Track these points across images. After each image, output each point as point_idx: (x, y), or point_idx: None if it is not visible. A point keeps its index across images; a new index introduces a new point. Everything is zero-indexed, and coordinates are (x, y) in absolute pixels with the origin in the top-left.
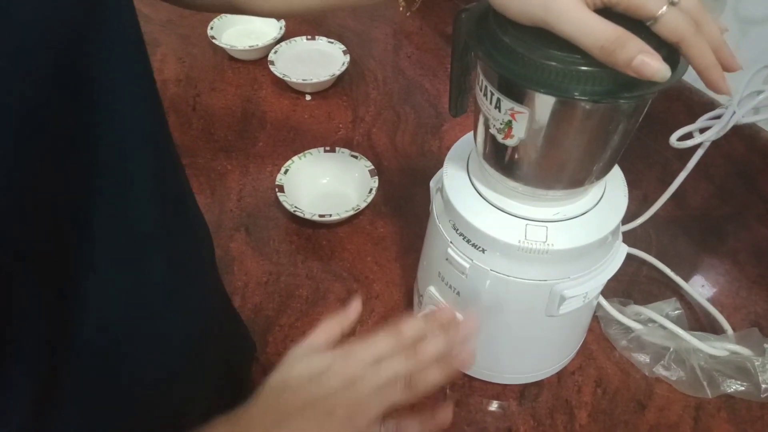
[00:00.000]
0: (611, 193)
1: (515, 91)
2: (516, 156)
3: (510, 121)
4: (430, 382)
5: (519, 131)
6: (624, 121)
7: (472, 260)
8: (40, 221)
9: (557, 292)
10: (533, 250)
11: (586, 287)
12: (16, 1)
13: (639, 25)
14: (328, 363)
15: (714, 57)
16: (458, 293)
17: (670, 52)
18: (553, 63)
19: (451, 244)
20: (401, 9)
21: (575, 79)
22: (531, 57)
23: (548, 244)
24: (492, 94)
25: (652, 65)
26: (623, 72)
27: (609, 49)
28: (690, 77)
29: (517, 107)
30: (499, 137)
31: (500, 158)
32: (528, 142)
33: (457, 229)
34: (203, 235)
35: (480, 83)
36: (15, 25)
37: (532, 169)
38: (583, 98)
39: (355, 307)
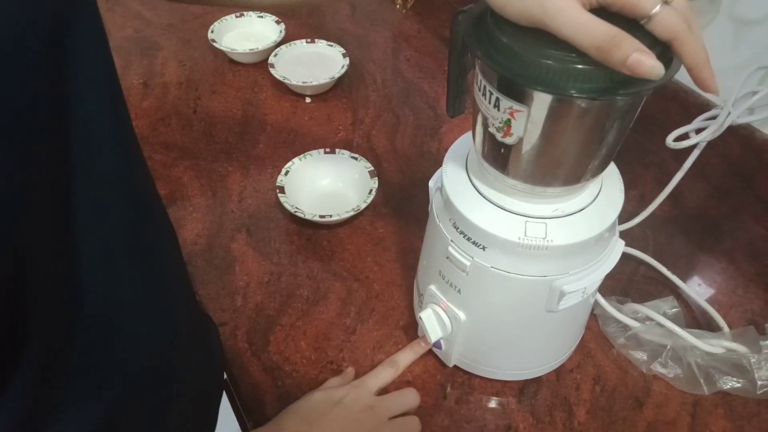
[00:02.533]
0: (608, 189)
1: (514, 90)
2: (515, 154)
3: (509, 120)
4: None
5: (518, 129)
6: (620, 118)
7: (472, 258)
8: (35, 217)
9: (557, 287)
10: (533, 247)
11: (585, 282)
12: None
13: (632, 24)
14: (345, 392)
15: (705, 54)
16: (459, 291)
17: (663, 51)
18: (551, 62)
19: (451, 243)
20: (398, 7)
21: (572, 77)
22: (529, 56)
23: (548, 240)
24: (491, 93)
25: (647, 63)
26: (619, 70)
27: (604, 48)
28: (686, 79)
29: (516, 106)
30: (498, 136)
31: (499, 156)
32: (527, 139)
33: (458, 228)
34: (171, 238)
35: (478, 83)
36: None
37: (530, 166)
38: (580, 96)
39: (350, 372)
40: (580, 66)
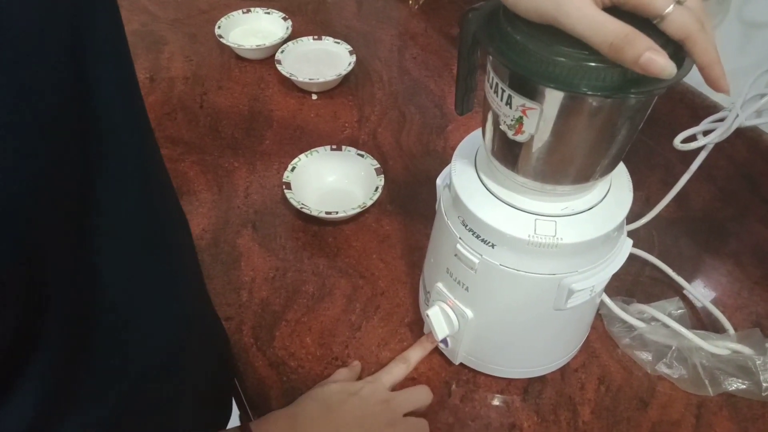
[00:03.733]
0: (617, 188)
1: (527, 87)
2: (525, 152)
3: (521, 118)
4: None
5: (530, 127)
6: (631, 117)
7: (481, 255)
8: (54, 205)
9: (565, 285)
10: (543, 245)
11: (593, 281)
12: (13, 8)
13: (645, 23)
14: (361, 385)
15: (717, 54)
16: (467, 289)
17: (676, 51)
18: (563, 59)
19: (460, 240)
20: (410, 3)
21: (585, 74)
22: (542, 53)
23: (557, 239)
24: (503, 91)
25: (659, 62)
26: (631, 68)
27: (617, 46)
28: (694, 80)
29: (529, 103)
30: (510, 134)
31: (509, 154)
32: (538, 137)
33: (467, 225)
34: (185, 231)
35: (490, 81)
36: (15, 34)
37: (541, 164)
38: (592, 94)
39: (357, 365)
40: (592, 64)
